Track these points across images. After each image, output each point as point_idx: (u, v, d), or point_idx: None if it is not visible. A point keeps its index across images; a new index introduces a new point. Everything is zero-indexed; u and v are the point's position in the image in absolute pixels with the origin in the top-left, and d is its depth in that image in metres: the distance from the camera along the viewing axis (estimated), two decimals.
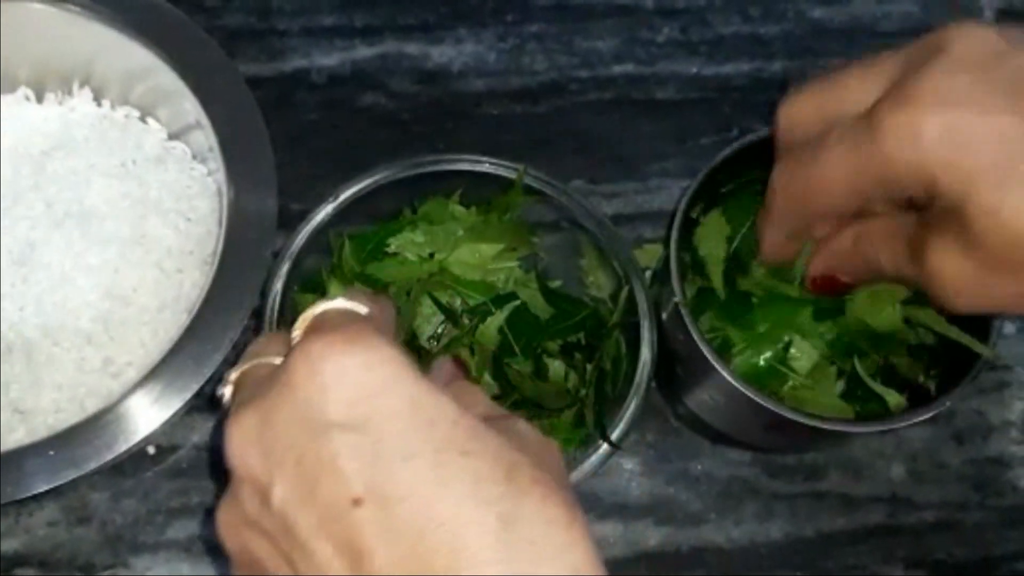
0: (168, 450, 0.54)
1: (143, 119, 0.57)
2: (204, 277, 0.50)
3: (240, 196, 0.50)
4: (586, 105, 0.63)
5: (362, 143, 0.61)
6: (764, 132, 0.47)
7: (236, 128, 0.51)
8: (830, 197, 0.40)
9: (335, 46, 0.64)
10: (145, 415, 0.46)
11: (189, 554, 0.53)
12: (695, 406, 0.51)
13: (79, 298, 0.52)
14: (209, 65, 0.53)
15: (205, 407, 0.55)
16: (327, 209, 0.49)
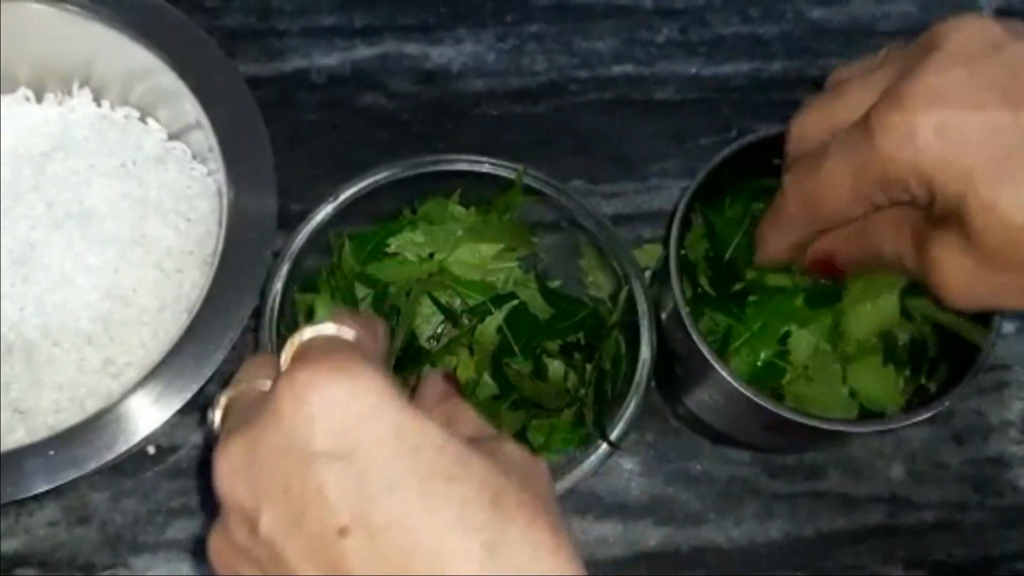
0: (168, 450, 0.54)
1: (143, 119, 0.57)
2: (204, 277, 0.50)
3: (240, 196, 0.50)
4: (586, 105, 0.63)
5: (362, 143, 0.61)
6: (763, 132, 0.47)
7: (236, 128, 0.51)
8: (836, 203, 0.40)
9: (335, 46, 0.64)
10: (145, 415, 0.46)
11: (189, 554, 0.53)
12: (695, 406, 0.51)
13: (79, 298, 0.52)
14: (209, 65, 0.53)
15: (205, 408, 0.55)
16: (327, 209, 0.49)
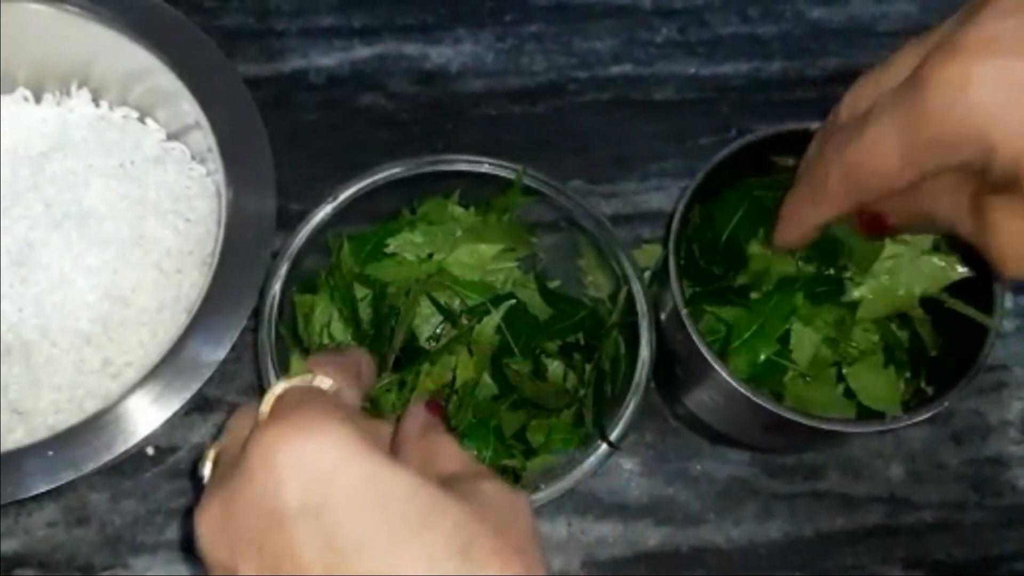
0: (167, 451, 0.54)
1: (142, 120, 0.57)
2: (203, 278, 0.50)
3: (239, 197, 0.50)
4: (585, 105, 0.63)
5: (361, 143, 0.61)
6: (763, 132, 0.47)
7: (235, 129, 0.51)
8: (881, 171, 0.37)
9: (334, 46, 0.64)
10: (144, 416, 0.46)
11: (188, 555, 0.53)
12: (694, 406, 0.51)
13: (78, 299, 0.52)
14: (208, 66, 0.53)
15: (204, 408, 0.55)
16: (326, 209, 0.49)
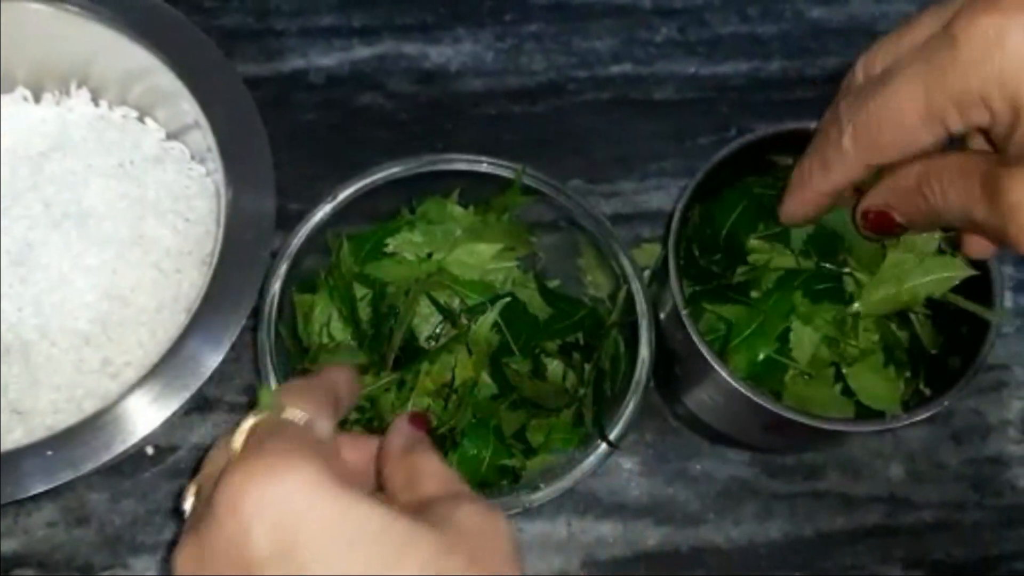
0: (167, 450, 0.54)
1: (141, 119, 0.57)
2: (202, 277, 0.50)
3: (238, 196, 0.50)
4: (584, 105, 0.63)
5: (360, 143, 0.61)
6: (762, 132, 0.47)
7: (234, 128, 0.51)
8: (901, 126, 0.36)
9: (333, 46, 0.64)
10: (143, 415, 0.46)
11: None
12: (694, 406, 0.51)
13: (77, 299, 0.52)
14: (207, 65, 0.53)
15: (204, 408, 0.55)
16: (325, 209, 0.49)
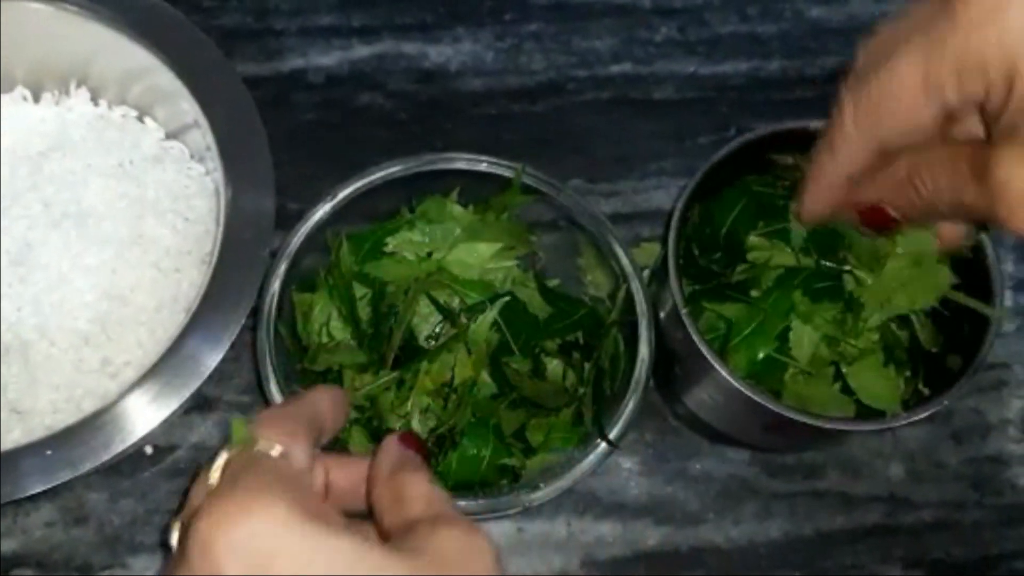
0: (166, 450, 0.54)
1: (140, 119, 0.57)
2: (202, 277, 0.50)
3: (238, 196, 0.50)
4: (584, 104, 0.63)
5: (360, 142, 0.61)
6: (762, 131, 0.47)
7: (234, 128, 0.51)
8: (901, 101, 0.36)
9: (332, 46, 0.64)
10: (142, 415, 0.45)
11: None
12: (694, 405, 0.51)
13: (77, 298, 0.52)
14: (207, 65, 0.53)
15: (203, 407, 0.55)
16: (325, 208, 0.49)
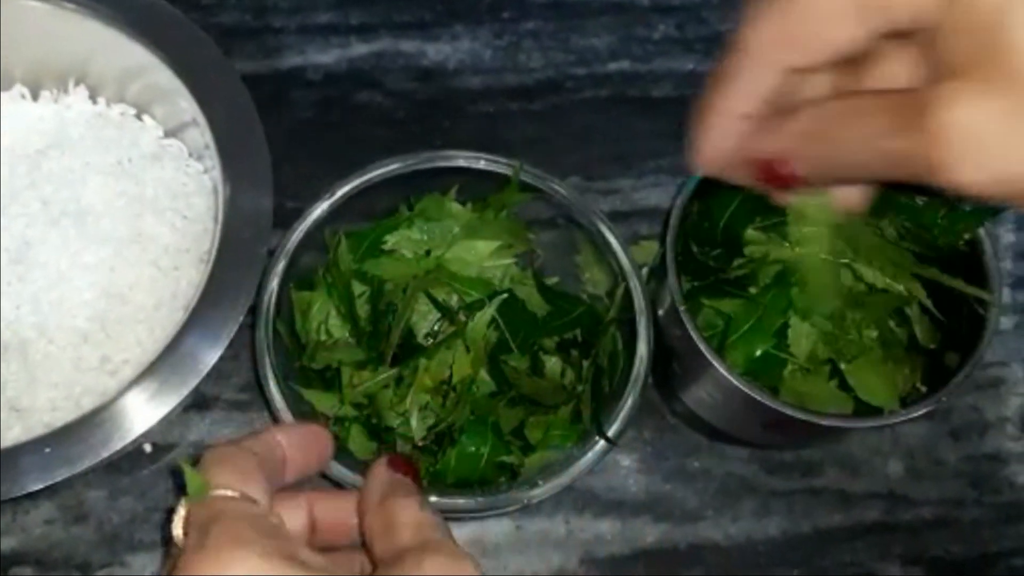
0: (165, 448, 0.54)
1: (139, 117, 0.57)
2: (200, 275, 0.50)
3: (236, 194, 0.50)
4: (582, 102, 0.63)
5: (358, 140, 0.61)
6: None
7: (232, 126, 0.51)
8: (819, 14, 0.32)
9: (331, 44, 0.64)
10: (141, 413, 0.45)
11: None
12: (692, 403, 0.51)
13: (75, 296, 0.52)
14: (205, 63, 0.53)
15: (202, 405, 0.55)
16: (323, 206, 0.49)
